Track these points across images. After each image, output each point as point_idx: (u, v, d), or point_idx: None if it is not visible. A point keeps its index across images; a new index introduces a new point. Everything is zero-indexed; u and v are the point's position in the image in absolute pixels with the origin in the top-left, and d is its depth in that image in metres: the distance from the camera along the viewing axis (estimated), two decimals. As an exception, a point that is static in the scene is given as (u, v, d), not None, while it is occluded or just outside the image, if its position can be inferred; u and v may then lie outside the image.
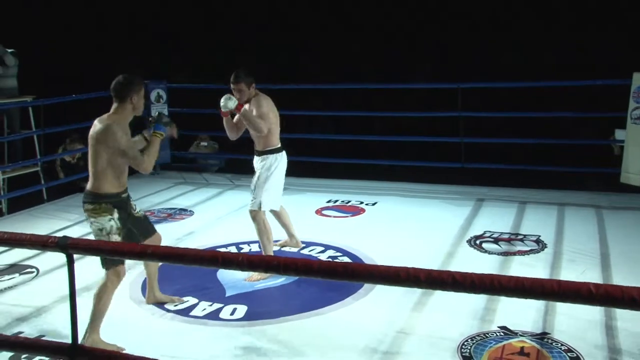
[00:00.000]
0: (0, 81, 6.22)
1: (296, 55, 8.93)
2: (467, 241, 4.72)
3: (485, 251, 4.50)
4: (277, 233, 4.52)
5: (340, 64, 8.97)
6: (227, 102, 3.91)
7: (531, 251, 4.47)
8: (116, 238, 3.13)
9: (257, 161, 4.16)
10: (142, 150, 3.23)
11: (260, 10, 9.18)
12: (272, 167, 4.10)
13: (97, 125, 3.14)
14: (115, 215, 3.16)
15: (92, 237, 3.18)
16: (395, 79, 7.96)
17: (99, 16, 9.18)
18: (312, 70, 8.78)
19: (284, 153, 4.20)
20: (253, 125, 4.02)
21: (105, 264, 3.13)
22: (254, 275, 4.02)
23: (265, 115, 4.02)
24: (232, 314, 3.56)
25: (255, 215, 4.08)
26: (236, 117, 4.13)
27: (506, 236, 4.80)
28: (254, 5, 9.19)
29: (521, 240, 4.71)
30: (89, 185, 3.17)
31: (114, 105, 3.18)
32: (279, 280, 3.99)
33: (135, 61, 9.03)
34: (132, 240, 3.27)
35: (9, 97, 6.23)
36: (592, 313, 3.34)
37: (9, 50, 6.25)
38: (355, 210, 5.71)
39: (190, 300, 3.73)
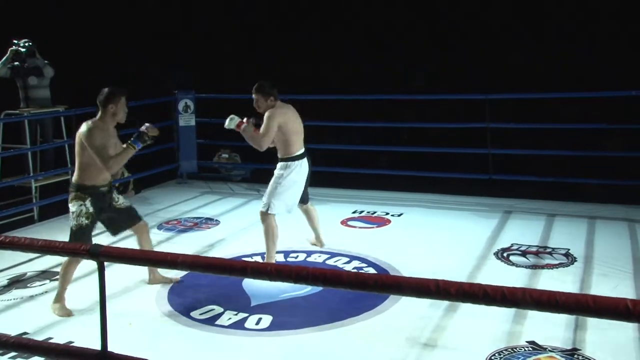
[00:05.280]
0: (35, 91, 6.38)
1: (321, 65, 8.97)
2: (495, 254, 4.65)
3: (513, 264, 4.43)
4: (289, 240, 4.51)
5: (366, 74, 8.98)
6: (229, 122, 4.25)
7: (560, 265, 4.39)
8: (83, 220, 3.73)
9: (277, 166, 4.35)
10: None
11: (289, 20, 9.26)
12: (285, 174, 4.26)
13: (82, 126, 3.73)
14: (87, 203, 3.75)
15: (122, 244, 3.26)
16: (422, 90, 7.94)
17: (128, 27, 9.36)
18: (336, 80, 8.81)
19: (301, 162, 4.32)
20: (252, 143, 4.26)
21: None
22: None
23: (268, 129, 4.15)
24: (257, 323, 3.56)
25: (264, 217, 4.28)
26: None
27: (534, 249, 4.72)
28: (283, 15, 9.28)
29: (550, 253, 4.63)
30: (73, 177, 3.82)
31: (99, 112, 3.79)
32: (304, 290, 3.98)
33: (164, 72, 9.18)
34: (116, 226, 3.98)
35: (42, 107, 6.39)
36: (625, 329, 3.26)
37: (46, 62, 6.41)
38: (381, 221, 5.68)
39: (216, 309, 3.75)
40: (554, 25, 8.43)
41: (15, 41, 6.26)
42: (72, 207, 3.78)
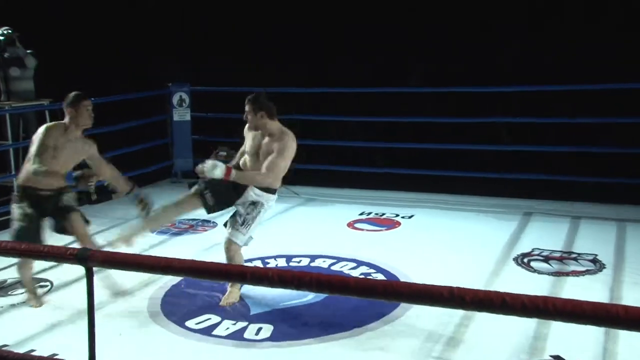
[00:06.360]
0: (17, 84, 6.40)
1: (325, 58, 8.97)
2: (514, 259, 4.65)
3: (535, 270, 4.42)
4: (291, 244, 4.48)
5: (373, 65, 8.96)
6: (214, 170, 3.73)
7: (587, 272, 4.37)
8: (20, 223, 3.82)
9: (255, 192, 3.92)
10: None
11: (289, 10, 9.26)
12: (268, 206, 3.97)
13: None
14: (25, 204, 3.85)
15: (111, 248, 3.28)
16: (432, 82, 7.89)
17: (120, 17, 9.37)
18: (342, 73, 8.80)
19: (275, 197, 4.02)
20: (251, 183, 3.88)
21: None
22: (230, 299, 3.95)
23: (277, 166, 3.82)
24: (257, 333, 3.57)
25: (237, 251, 3.90)
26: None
27: (558, 254, 4.71)
28: (282, 6, 9.28)
29: (575, 259, 4.62)
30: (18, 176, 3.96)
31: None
32: (307, 297, 3.98)
33: (158, 63, 9.17)
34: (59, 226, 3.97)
35: (25, 100, 6.40)
36: (657, 342, 3.24)
37: (28, 52, 6.43)
38: (390, 224, 5.68)
39: (213, 319, 3.76)
40: (569, 13, 8.36)
41: None
42: (12, 209, 3.93)
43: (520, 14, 8.28)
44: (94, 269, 2.30)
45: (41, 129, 3.87)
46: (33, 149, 3.82)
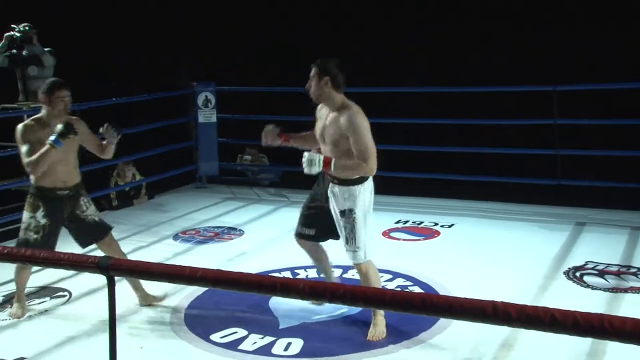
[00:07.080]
0: (35, 83, 6.52)
1: (360, 56, 8.99)
2: (565, 273, 4.58)
3: (588, 286, 4.35)
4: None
5: (411, 62, 8.93)
6: (310, 168, 3.48)
7: (647, 288, 4.30)
8: (31, 235, 3.79)
9: (338, 193, 3.60)
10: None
11: (321, 9, 9.33)
12: (368, 199, 3.62)
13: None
14: (39, 213, 3.77)
15: (132, 257, 3.33)
16: (474, 81, 7.81)
17: (138, 12, 9.54)
18: (378, 71, 8.80)
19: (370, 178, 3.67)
20: (357, 174, 3.55)
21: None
22: None
23: (368, 142, 3.49)
24: (286, 349, 3.59)
25: (363, 267, 3.67)
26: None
27: (615, 268, 4.63)
28: (314, 5, 9.35)
29: (635, 274, 4.53)
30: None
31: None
32: (340, 311, 3.99)
33: (183, 62, 9.31)
34: (81, 239, 3.99)
35: (44, 100, 6.55)
36: None
37: (46, 49, 6.57)
38: (429, 233, 5.66)
39: (239, 332, 3.79)
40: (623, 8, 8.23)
41: (14, 26, 6.42)
42: (24, 215, 3.87)
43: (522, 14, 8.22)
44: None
45: (18, 128, 3.76)
46: (23, 150, 3.71)
